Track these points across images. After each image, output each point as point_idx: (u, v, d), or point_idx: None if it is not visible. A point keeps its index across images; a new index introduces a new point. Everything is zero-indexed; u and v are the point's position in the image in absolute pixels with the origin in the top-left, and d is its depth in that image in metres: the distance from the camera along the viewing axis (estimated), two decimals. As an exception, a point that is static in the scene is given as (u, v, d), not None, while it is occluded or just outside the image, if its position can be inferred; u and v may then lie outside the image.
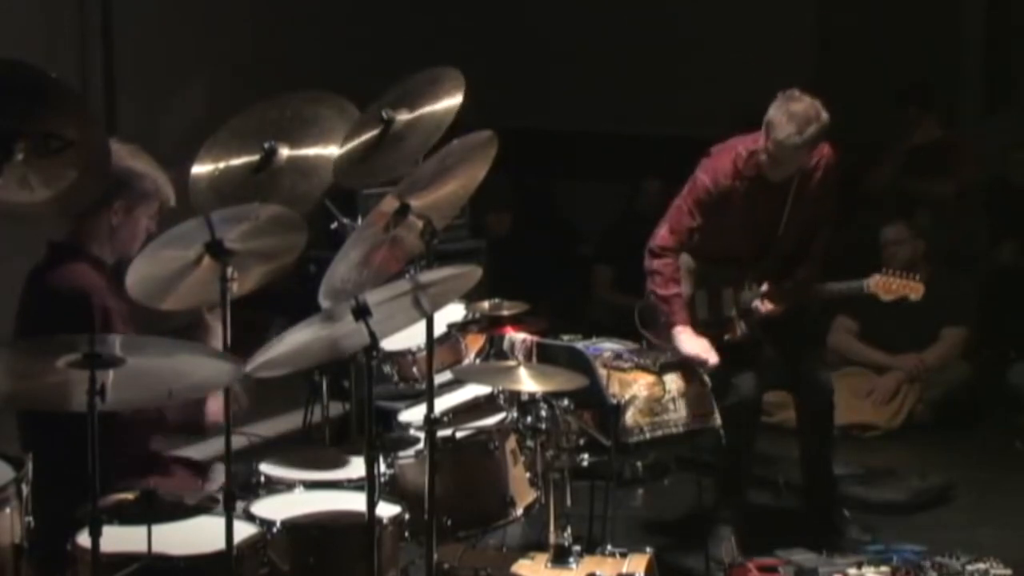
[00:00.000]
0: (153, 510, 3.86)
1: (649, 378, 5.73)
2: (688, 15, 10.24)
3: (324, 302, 4.17)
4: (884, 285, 5.98)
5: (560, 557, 5.03)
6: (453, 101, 4.72)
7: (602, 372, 5.65)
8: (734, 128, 6.31)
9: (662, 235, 6.02)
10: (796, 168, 5.91)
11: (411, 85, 4.85)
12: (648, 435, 5.70)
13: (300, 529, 4.27)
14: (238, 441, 4.39)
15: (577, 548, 5.06)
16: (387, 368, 5.24)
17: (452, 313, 5.34)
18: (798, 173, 5.95)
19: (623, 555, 5.11)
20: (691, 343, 5.87)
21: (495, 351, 5.59)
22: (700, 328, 5.98)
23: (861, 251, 7.74)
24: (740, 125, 6.27)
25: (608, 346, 5.92)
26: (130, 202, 4.55)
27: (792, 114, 5.77)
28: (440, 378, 4.99)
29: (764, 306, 5.99)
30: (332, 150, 4.84)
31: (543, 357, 5.65)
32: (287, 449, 5.26)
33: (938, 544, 6.11)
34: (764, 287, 5.99)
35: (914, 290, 5.99)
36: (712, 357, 5.83)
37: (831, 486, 6.40)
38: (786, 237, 6.02)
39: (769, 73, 6.21)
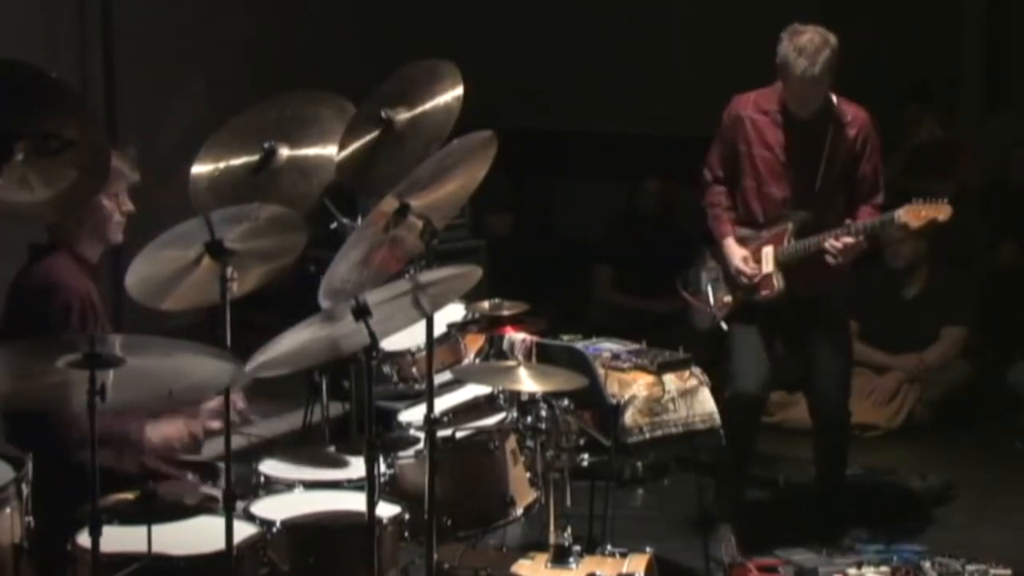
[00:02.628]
0: (153, 510, 3.86)
1: (648, 378, 5.73)
2: (688, 15, 10.24)
3: (324, 302, 4.17)
4: (913, 212, 5.97)
5: (560, 557, 5.02)
6: (453, 97, 4.72)
7: (601, 372, 5.65)
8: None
9: (703, 173, 6.23)
10: (822, 98, 5.95)
11: (407, 81, 4.83)
12: (648, 435, 5.70)
13: (300, 529, 4.27)
14: (238, 441, 4.39)
15: (577, 548, 5.06)
16: (387, 368, 5.24)
17: (452, 313, 5.34)
18: (833, 123, 5.97)
19: (623, 555, 5.10)
20: (735, 251, 6.05)
21: (495, 351, 5.59)
22: (740, 291, 6.07)
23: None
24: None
25: (607, 346, 5.93)
26: None
27: (801, 48, 5.84)
28: (440, 378, 4.99)
29: (842, 241, 5.92)
30: (332, 150, 4.85)
31: (543, 357, 5.65)
32: (287, 449, 5.26)
33: (938, 544, 6.11)
34: (847, 222, 5.96)
35: (942, 211, 5.98)
36: (755, 275, 5.98)
37: (842, 488, 6.39)
38: (823, 193, 6.01)
39: (769, 73, 6.20)
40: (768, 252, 6.05)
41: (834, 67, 5.91)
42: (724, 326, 6.11)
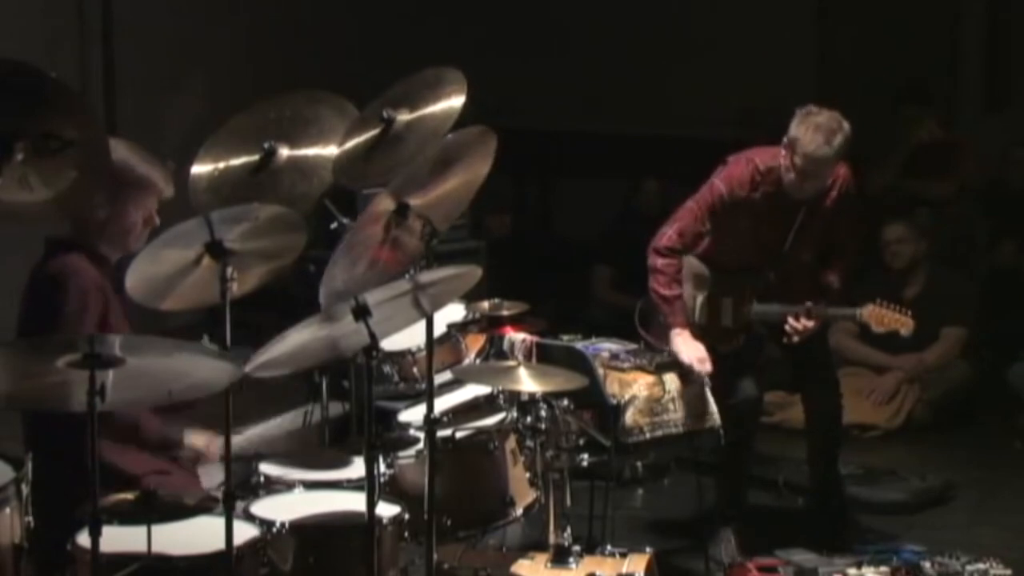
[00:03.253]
0: (153, 510, 3.86)
1: (649, 378, 5.73)
2: (688, 15, 10.24)
3: (323, 302, 4.17)
4: (876, 316, 5.97)
5: (560, 557, 5.03)
6: (454, 103, 4.72)
7: (601, 372, 5.65)
8: (737, 128, 6.31)
9: (669, 235, 5.98)
10: (825, 183, 5.91)
11: (413, 85, 4.84)
12: (648, 435, 5.70)
13: (300, 529, 4.27)
14: (238, 441, 4.39)
15: (577, 548, 5.06)
16: (387, 368, 5.24)
17: (452, 313, 5.34)
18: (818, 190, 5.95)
19: (623, 555, 5.11)
20: (688, 347, 5.84)
21: (495, 351, 5.59)
22: (697, 332, 5.97)
23: (861, 250, 7.73)
24: (745, 126, 6.28)
25: (607, 346, 5.93)
26: (112, 194, 4.52)
27: (818, 126, 5.77)
28: (440, 378, 4.99)
29: (802, 323, 5.92)
30: (332, 150, 4.84)
31: (543, 357, 5.65)
32: (287, 449, 5.25)
33: (938, 544, 6.11)
34: (808, 304, 5.92)
35: (904, 325, 5.97)
36: (706, 366, 5.80)
37: (839, 486, 6.40)
38: (792, 254, 6.01)
39: (769, 73, 6.21)
40: (727, 305, 6.05)
41: (844, 152, 5.85)
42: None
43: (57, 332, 4.33)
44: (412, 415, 5.11)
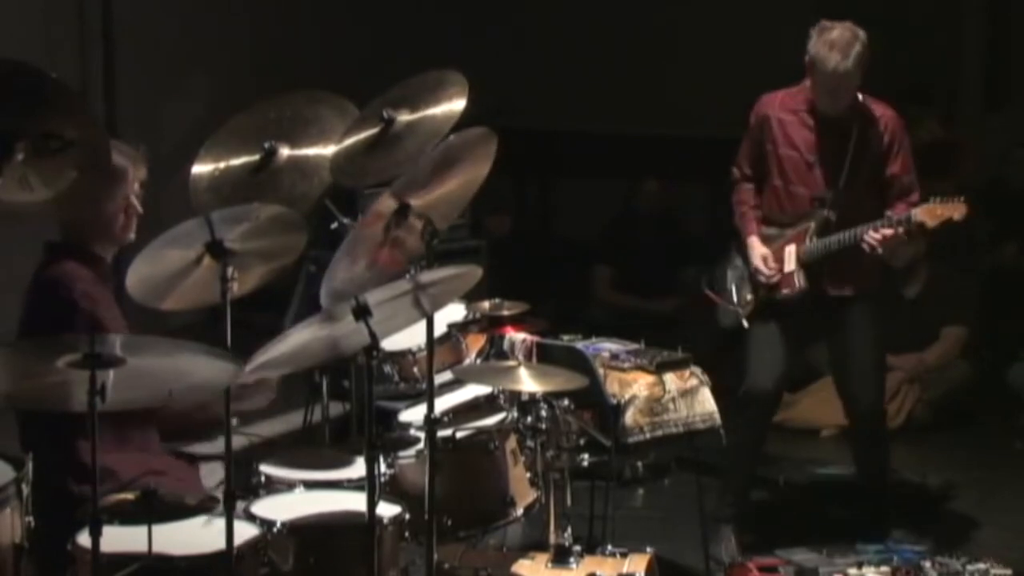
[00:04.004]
0: (153, 510, 3.86)
1: (649, 378, 5.73)
2: (688, 15, 10.24)
3: (325, 302, 4.17)
4: (929, 211, 5.93)
5: (560, 557, 5.02)
6: (455, 106, 4.72)
7: (601, 372, 5.65)
8: (737, 129, 6.31)
9: (732, 171, 6.20)
10: (853, 95, 5.92)
11: (415, 86, 4.84)
12: (648, 435, 5.70)
13: (300, 529, 4.27)
14: (238, 441, 4.39)
15: (577, 548, 5.06)
16: (387, 368, 5.24)
17: (452, 313, 5.34)
18: (859, 120, 5.95)
19: (623, 555, 5.10)
20: (756, 250, 6.05)
21: (495, 351, 5.59)
22: (762, 289, 6.06)
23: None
24: (745, 126, 6.27)
25: (607, 346, 5.93)
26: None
27: (832, 42, 5.84)
28: (440, 378, 4.99)
29: (882, 232, 5.90)
30: (332, 150, 4.84)
31: (543, 357, 5.65)
32: (287, 449, 5.26)
33: (938, 544, 6.11)
34: (889, 213, 5.93)
35: (957, 210, 5.94)
36: (769, 265, 5.99)
37: (884, 487, 6.37)
38: (848, 191, 5.98)
39: (769, 73, 6.20)
40: (791, 251, 6.04)
41: (865, 62, 5.89)
42: (746, 324, 6.10)
43: None
44: (412, 415, 5.10)
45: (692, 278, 8.42)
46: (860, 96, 6.01)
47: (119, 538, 3.83)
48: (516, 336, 5.73)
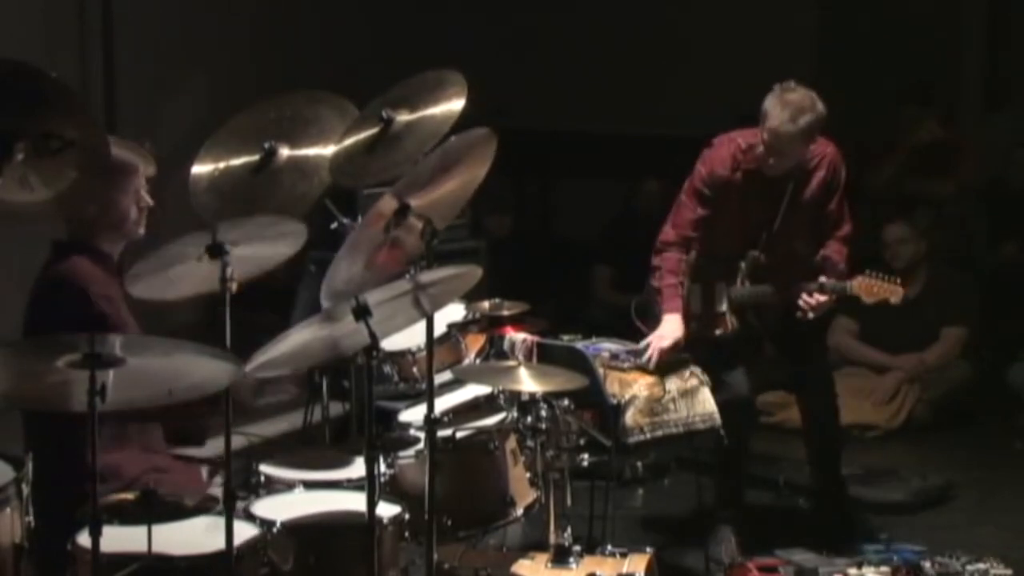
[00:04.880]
0: (153, 510, 3.86)
1: (649, 378, 5.73)
2: (688, 15, 10.24)
3: (325, 302, 4.17)
4: (865, 287, 5.96)
5: (560, 557, 5.03)
6: (454, 106, 4.72)
7: (601, 372, 5.65)
8: (737, 129, 6.30)
9: (665, 231, 6.05)
10: (793, 162, 5.89)
11: (414, 86, 4.84)
12: (648, 435, 5.70)
13: (300, 529, 4.27)
14: (238, 441, 4.39)
15: (577, 548, 5.06)
16: (387, 368, 5.24)
17: (452, 313, 5.34)
18: (797, 171, 5.94)
19: (623, 555, 5.11)
20: (664, 326, 5.84)
21: (495, 351, 5.59)
22: (693, 323, 5.98)
23: (862, 250, 7.74)
24: (744, 126, 6.26)
25: (607, 346, 5.93)
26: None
27: (786, 102, 5.77)
28: (440, 378, 4.99)
29: (815, 299, 5.88)
30: (332, 150, 4.84)
31: (543, 357, 5.65)
32: (287, 449, 5.26)
33: (938, 544, 6.11)
34: (822, 279, 5.90)
35: (894, 293, 5.96)
36: (654, 352, 5.77)
37: (841, 488, 6.39)
38: (781, 235, 6.00)
39: (769, 73, 6.19)
40: (721, 289, 6.04)
41: (813, 134, 5.82)
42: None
43: None
44: (412, 415, 5.11)
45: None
46: None
47: (119, 538, 3.83)
48: (516, 336, 5.72)
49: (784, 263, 6.00)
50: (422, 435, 4.71)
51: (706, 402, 5.82)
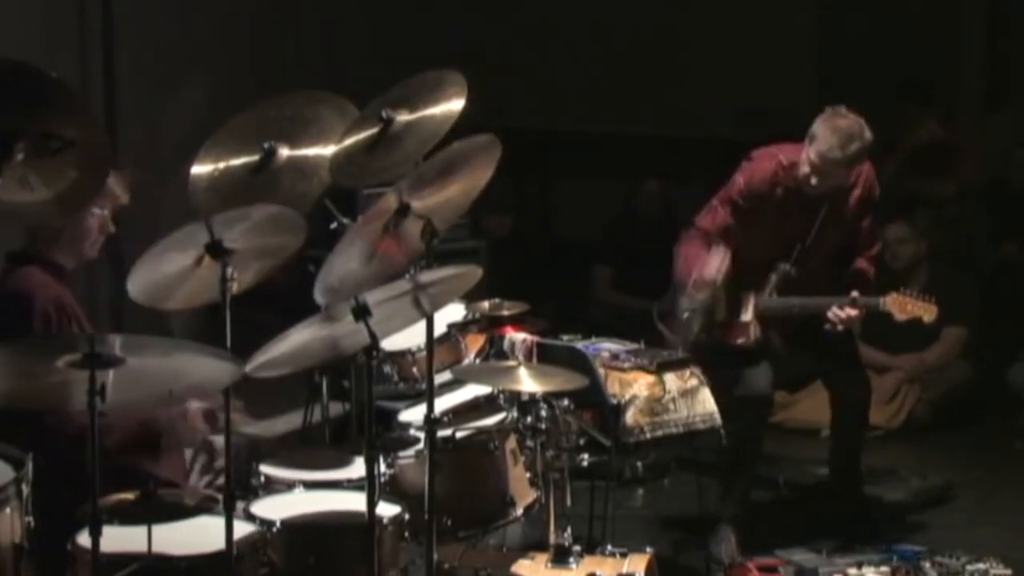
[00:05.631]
0: (153, 510, 3.86)
1: (649, 378, 5.73)
2: (688, 15, 10.24)
3: (320, 299, 4.16)
4: (899, 304, 5.97)
5: (560, 557, 5.03)
6: (454, 106, 4.72)
7: (601, 372, 5.65)
8: (737, 128, 6.30)
9: (701, 217, 6.09)
10: (836, 184, 5.92)
11: (414, 86, 4.84)
12: (648, 435, 5.70)
13: (300, 529, 4.28)
14: (238, 441, 4.40)
15: (577, 548, 5.06)
16: (387, 368, 5.24)
17: (452, 313, 5.34)
18: (832, 195, 5.96)
19: (623, 555, 5.11)
20: (718, 257, 5.91)
21: (495, 351, 5.59)
22: (717, 330, 6.01)
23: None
24: (745, 126, 6.26)
25: (607, 346, 5.93)
26: None
27: (836, 129, 5.81)
28: (440, 378, 4.99)
29: (846, 312, 5.92)
30: (331, 150, 4.84)
31: (543, 357, 5.65)
32: (287, 449, 5.26)
33: (938, 544, 6.11)
34: (855, 294, 5.92)
35: (928, 312, 5.98)
36: (710, 271, 5.87)
37: (858, 484, 6.39)
38: (814, 250, 6.02)
39: (769, 73, 6.20)
40: (748, 299, 6.05)
41: (858, 161, 5.89)
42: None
43: None
44: (412, 415, 5.11)
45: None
46: None
47: (119, 538, 3.83)
48: (516, 336, 5.72)
49: (814, 278, 6.02)
50: (422, 435, 4.71)
51: (706, 402, 5.82)
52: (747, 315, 6.06)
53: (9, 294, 4.60)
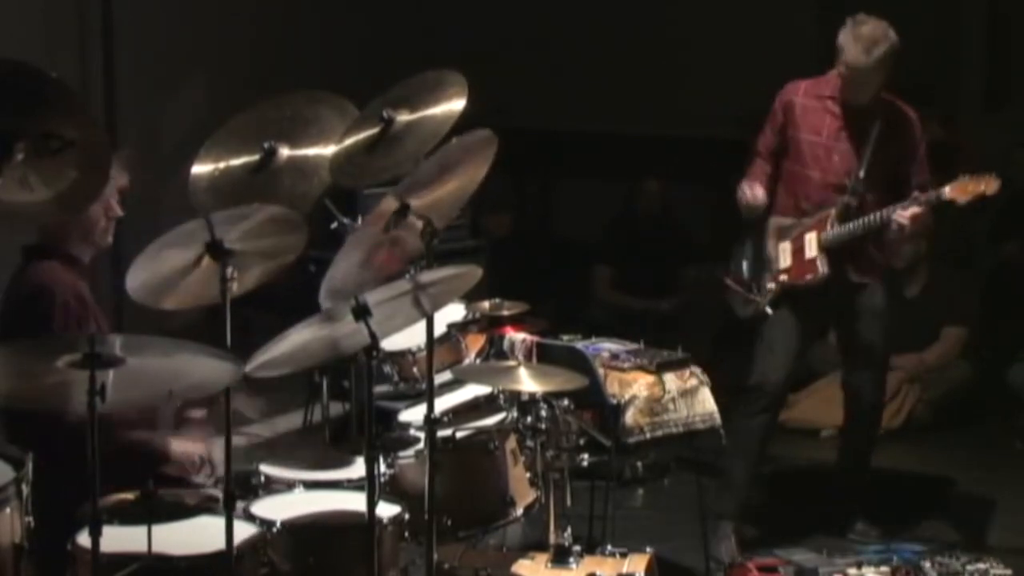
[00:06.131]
0: (153, 510, 3.86)
1: (649, 378, 5.73)
2: (688, 15, 10.24)
3: (324, 302, 4.17)
4: (960, 187, 5.94)
5: (560, 557, 5.02)
6: (455, 106, 4.72)
7: (601, 372, 5.65)
8: (737, 128, 6.31)
9: (759, 140, 6.20)
10: (874, 91, 5.98)
11: (414, 86, 4.84)
12: (648, 435, 5.70)
13: (300, 529, 4.27)
14: (238, 441, 4.39)
15: (577, 548, 5.06)
16: (387, 368, 5.24)
17: (452, 313, 5.34)
18: (883, 116, 6.00)
19: (623, 555, 5.11)
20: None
21: (495, 351, 5.59)
22: (783, 275, 6.06)
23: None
24: (745, 126, 6.27)
25: (607, 346, 5.93)
26: None
27: (859, 36, 5.91)
28: (440, 378, 4.99)
29: (910, 211, 5.89)
30: (332, 150, 4.84)
31: (543, 357, 5.65)
32: (287, 449, 5.26)
33: (938, 544, 6.11)
34: (916, 193, 5.92)
35: (988, 184, 5.94)
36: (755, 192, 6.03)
37: (867, 484, 6.39)
38: (868, 180, 6.00)
39: (769, 73, 6.20)
40: (811, 237, 6.05)
41: (889, 63, 5.97)
42: (769, 311, 6.08)
43: None
44: (412, 415, 5.11)
45: (692, 278, 8.43)
46: (885, 95, 6.03)
47: (119, 538, 3.83)
48: (516, 336, 5.73)
49: (873, 208, 5.99)
50: (422, 435, 4.71)
51: (706, 402, 5.82)
52: (812, 251, 6.04)
53: (30, 288, 4.59)
